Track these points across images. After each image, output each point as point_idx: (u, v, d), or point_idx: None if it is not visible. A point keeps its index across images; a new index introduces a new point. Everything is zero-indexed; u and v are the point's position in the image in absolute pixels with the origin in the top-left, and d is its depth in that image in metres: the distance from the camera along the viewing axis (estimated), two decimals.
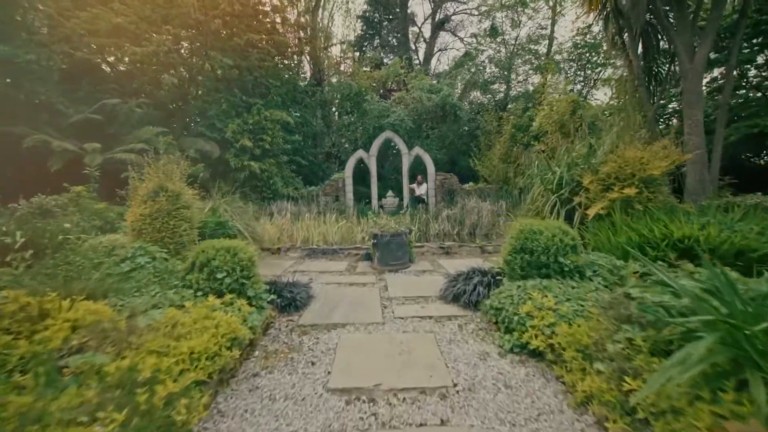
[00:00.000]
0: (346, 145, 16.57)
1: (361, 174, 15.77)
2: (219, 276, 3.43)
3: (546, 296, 3.25)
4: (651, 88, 10.70)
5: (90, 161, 8.13)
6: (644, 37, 10.18)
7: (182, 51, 11.56)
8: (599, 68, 14.96)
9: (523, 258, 3.88)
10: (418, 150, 12.77)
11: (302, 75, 16.91)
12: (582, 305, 3.08)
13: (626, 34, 10.09)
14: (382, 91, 16.51)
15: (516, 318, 3.18)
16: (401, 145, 12.83)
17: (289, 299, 3.97)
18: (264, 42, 12.74)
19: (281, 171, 12.63)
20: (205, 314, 2.86)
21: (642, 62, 10.35)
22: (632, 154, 5.61)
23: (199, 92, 12.60)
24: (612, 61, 13.18)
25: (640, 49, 10.26)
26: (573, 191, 6.02)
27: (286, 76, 14.14)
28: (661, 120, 14.10)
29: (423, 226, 11.00)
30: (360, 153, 12.91)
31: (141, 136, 9.66)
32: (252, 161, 11.46)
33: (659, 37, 10.20)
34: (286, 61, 14.54)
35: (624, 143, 6.36)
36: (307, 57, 16.59)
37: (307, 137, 15.66)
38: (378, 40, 24.28)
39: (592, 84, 15.49)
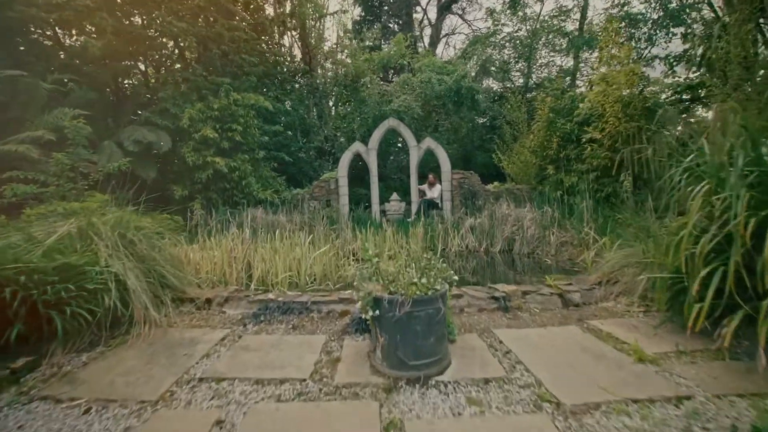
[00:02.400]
0: (342, 140, 13.69)
1: (358, 173, 12.87)
2: None
3: None
4: None
5: None
6: None
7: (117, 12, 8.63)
8: (646, 44, 12.05)
9: None
10: (429, 142, 9.89)
11: (295, 62, 14.04)
12: None
13: None
14: (383, 74, 13.61)
15: None
16: (408, 136, 9.95)
17: None
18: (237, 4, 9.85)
19: (257, 169, 9.76)
20: None
21: None
22: None
23: (149, 69, 9.72)
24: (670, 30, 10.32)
25: None
26: None
27: (266, 53, 11.24)
28: None
29: (438, 241, 8.14)
30: (357, 146, 10.03)
31: (51, 121, 6.79)
32: (217, 157, 8.60)
33: None
34: (265, 38, 11.64)
35: None
36: (294, 35, 13.70)
37: (294, 129, 12.77)
38: (378, 26, 21.36)
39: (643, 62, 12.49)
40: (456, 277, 2.58)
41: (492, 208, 8.00)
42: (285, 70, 13.24)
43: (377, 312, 2.28)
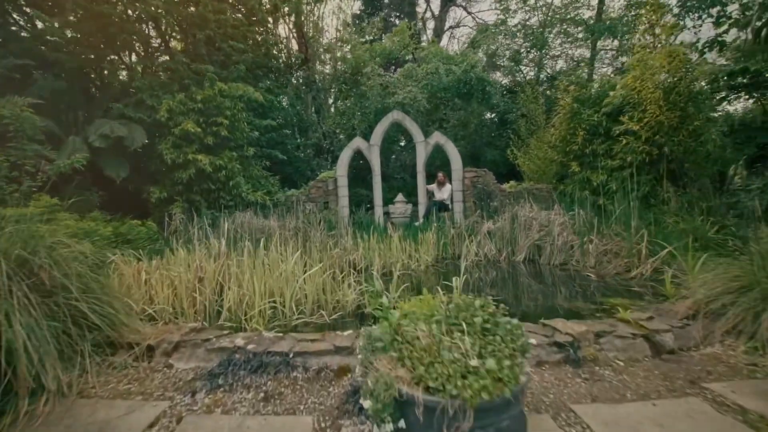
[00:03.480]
0: (341, 137, 12.59)
1: (358, 172, 11.78)
2: None
3: None
4: None
5: None
6: None
7: None
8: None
9: None
10: (438, 137, 8.79)
11: (291, 55, 12.92)
12: None
13: None
14: (385, 69, 12.49)
15: None
16: (415, 131, 8.84)
17: None
18: None
19: (247, 168, 8.65)
20: None
21: None
22: None
23: (126, 58, 8.60)
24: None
25: None
26: None
27: (258, 42, 10.12)
28: None
29: (451, 248, 7.04)
30: (357, 142, 8.94)
31: None
32: (200, 154, 7.49)
33: None
34: (259, 28, 10.51)
35: None
36: (289, 24, 12.59)
37: (291, 126, 11.66)
38: (379, 17, 20.20)
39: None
40: (533, 341, 1.47)
41: (513, 211, 6.89)
42: (280, 61, 12.14)
43: (402, 424, 1.18)
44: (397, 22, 19.88)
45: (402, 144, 14.34)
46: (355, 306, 3.60)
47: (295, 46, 12.98)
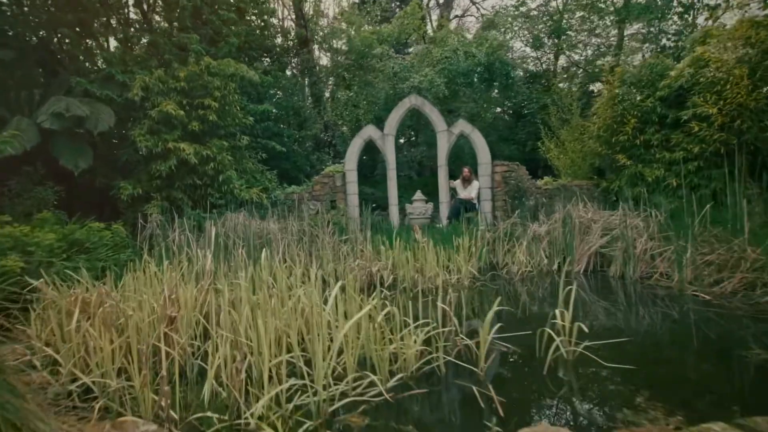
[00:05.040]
0: (344, 128, 11.24)
1: (361, 169, 10.39)
2: None
3: None
4: None
5: None
6: None
7: None
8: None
9: None
10: (462, 126, 7.52)
11: (289, 38, 11.50)
12: None
13: None
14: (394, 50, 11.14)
15: None
16: (436, 118, 7.55)
17: None
18: None
19: (240, 161, 7.24)
20: None
21: None
22: None
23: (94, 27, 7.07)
24: None
25: None
26: None
27: (254, 14, 8.71)
28: None
29: (492, 255, 5.77)
30: (370, 131, 7.61)
31: None
32: (183, 142, 6.07)
33: None
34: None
35: None
36: (286, 4, 11.18)
37: (287, 116, 10.25)
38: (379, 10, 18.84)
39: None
40: None
41: (565, 210, 5.64)
42: (275, 42, 10.73)
43: None
44: (397, 11, 18.58)
45: (408, 138, 13.06)
46: (419, 352, 2.28)
47: (293, 28, 11.59)
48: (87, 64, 6.68)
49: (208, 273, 2.81)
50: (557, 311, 2.52)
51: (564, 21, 11.76)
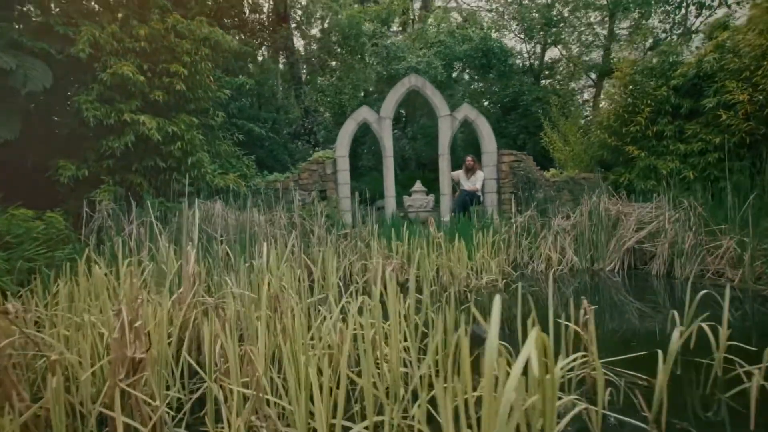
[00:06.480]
0: (327, 114, 10.24)
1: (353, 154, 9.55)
2: None
3: None
4: None
5: None
6: None
7: None
8: None
9: None
10: (467, 111, 6.81)
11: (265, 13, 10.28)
12: None
13: None
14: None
15: None
16: (438, 102, 6.78)
17: None
18: None
19: (213, 142, 6.11)
20: None
21: None
22: None
23: None
24: None
25: None
26: None
27: None
28: None
29: (511, 251, 5.06)
30: (364, 113, 6.71)
31: None
32: (143, 115, 4.88)
33: None
34: None
35: None
36: None
37: (263, 96, 9.11)
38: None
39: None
40: None
41: (591, 203, 5.05)
42: (250, 18, 9.55)
43: None
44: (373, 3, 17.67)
45: (401, 127, 12.19)
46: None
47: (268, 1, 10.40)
48: (16, 11, 5.27)
49: (191, 279, 1.84)
50: (703, 326, 1.79)
51: (554, 12, 11.38)
